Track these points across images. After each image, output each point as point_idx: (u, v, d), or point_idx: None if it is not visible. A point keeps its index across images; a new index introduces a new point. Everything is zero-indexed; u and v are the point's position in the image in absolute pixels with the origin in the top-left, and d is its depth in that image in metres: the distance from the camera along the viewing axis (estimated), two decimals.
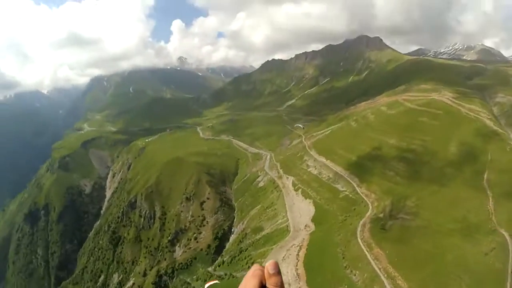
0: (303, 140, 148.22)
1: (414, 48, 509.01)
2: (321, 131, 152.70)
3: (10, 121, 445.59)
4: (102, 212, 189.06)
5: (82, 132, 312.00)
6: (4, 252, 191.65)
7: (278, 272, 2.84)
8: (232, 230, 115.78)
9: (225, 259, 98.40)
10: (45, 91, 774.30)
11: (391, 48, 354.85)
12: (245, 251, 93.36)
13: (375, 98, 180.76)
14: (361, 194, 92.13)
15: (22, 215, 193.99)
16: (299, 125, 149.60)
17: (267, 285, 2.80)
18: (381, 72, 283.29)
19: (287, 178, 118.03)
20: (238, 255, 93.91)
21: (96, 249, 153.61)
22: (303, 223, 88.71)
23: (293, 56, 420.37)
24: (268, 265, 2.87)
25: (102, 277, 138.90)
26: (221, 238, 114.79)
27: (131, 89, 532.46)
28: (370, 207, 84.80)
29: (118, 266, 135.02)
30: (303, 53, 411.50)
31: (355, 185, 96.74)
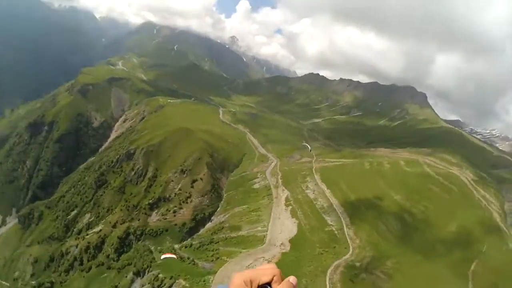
0: (313, 161, 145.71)
1: (453, 117, 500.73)
2: (333, 160, 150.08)
3: (55, 30, 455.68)
4: (100, 150, 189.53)
5: (114, 68, 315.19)
6: None
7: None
8: (212, 218, 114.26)
9: (194, 242, 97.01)
10: (97, 16, 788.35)
11: (432, 109, 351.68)
12: (216, 243, 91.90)
13: (397, 149, 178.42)
14: (346, 235, 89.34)
15: (26, 122, 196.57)
16: (307, 145, 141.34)
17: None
18: (413, 128, 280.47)
19: (283, 190, 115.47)
20: (207, 245, 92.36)
21: (80, 183, 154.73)
22: (281, 240, 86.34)
23: (337, 79, 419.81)
24: (292, 278, 2.91)
25: (75, 211, 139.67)
26: (198, 221, 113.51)
27: (175, 47, 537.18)
28: (350, 252, 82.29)
29: (93, 208, 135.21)
30: (348, 79, 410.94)
31: (344, 224, 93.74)
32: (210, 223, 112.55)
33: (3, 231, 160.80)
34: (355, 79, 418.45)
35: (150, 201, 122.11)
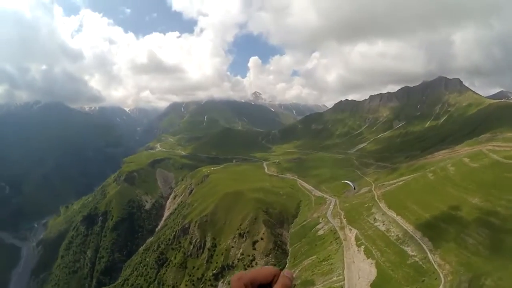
0: (373, 189, 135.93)
1: (495, 90, 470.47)
2: (393, 181, 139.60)
3: (91, 130, 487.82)
4: (157, 230, 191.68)
5: (154, 151, 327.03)
6: (57, 244, 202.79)
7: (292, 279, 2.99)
8: None
9: None
10: (127, 109, 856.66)
11: (472, 91, 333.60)
12: None
13: (455, 146, 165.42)
14: (433, 262, 77.02)
15: (81, 216, 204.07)
16: (349, 183, 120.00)
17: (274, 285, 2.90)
18: (461, 117, 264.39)
19: (350, 230, 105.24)
20: None
21: (142, 264, 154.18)
22: (361, 286, 76.23)
23: (367, 97, 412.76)
24: (285, 271, 3.03)
25: None
26: None
27: (205, 117, 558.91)
28: (443, 281, 70.42)
29: (158, 287, 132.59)
30: (377, 94, 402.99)
31: (427, 250, 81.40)
32: None
33: None
34: (384, 91, 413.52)
35: (214, 271, 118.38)
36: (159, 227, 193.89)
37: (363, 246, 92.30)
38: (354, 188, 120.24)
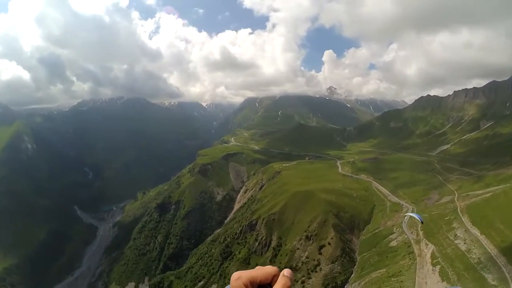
0: (455, 199, 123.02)
1: None
2: (479, 191, 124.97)
3: (170, 124, 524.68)
4: (225, 222, 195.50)
5: (228, 145, 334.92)
6: (131, 227, 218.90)
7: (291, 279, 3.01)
8: (345, 286, 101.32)
9: None
10: (204, 104, 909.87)
11: None
12: None
13: None
14: None
15: (156, 203, 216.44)
16: (415, 215, 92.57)
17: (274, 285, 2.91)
18: None
19: (427, 245, 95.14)
20: None
21: (207, 255, 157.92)
22: None
23: (451, 93, 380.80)
24: (285, 270, 3.02)
25: (202, 282, 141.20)
26: None
27: (279, 113, 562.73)
28: None
29: (219, 279, 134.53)
30: (462, 90, 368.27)
31: (511, 282, 69.24)
32: None
33: None
34: (469, 86, 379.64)
35: None
36: (227, 219, 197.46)
37: (439, 266, 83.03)
38: (422, 222, 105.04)
